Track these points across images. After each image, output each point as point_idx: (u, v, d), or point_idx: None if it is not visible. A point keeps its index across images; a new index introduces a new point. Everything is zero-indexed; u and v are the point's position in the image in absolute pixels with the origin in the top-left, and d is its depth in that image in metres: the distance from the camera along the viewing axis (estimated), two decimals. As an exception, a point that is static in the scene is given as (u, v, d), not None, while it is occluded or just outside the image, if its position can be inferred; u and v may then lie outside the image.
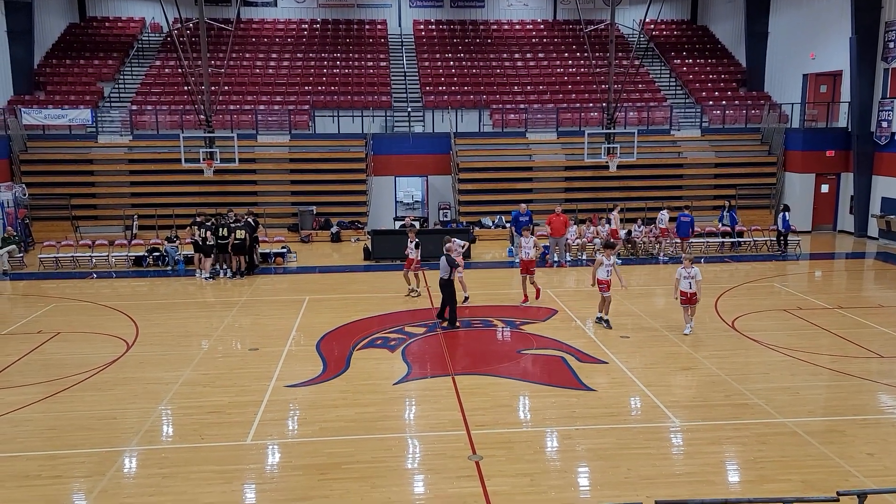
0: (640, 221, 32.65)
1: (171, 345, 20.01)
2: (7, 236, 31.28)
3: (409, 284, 24.02)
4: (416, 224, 32.03)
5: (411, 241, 23.96)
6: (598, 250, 21.81)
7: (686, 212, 32.02)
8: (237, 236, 27.47)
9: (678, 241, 31.50)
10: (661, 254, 31.15)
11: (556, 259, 29.47)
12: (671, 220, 34.08)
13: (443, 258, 20.90)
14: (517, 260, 26.20)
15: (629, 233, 31.35)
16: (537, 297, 23.24)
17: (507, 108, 41.37)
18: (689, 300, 20.33)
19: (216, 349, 19.64)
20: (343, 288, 25.75)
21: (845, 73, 37.88)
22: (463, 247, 22.15)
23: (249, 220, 28.94)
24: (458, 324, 20.71)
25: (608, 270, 20.77)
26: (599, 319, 21.02)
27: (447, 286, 20.53)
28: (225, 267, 28.12)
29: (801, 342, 19.69)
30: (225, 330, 21.35)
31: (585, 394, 16.35)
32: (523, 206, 30.16)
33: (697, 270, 20.25)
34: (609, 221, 31.27)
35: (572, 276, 27.86)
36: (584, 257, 30.70)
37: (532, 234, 23.89)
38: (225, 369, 18.16)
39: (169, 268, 29.66)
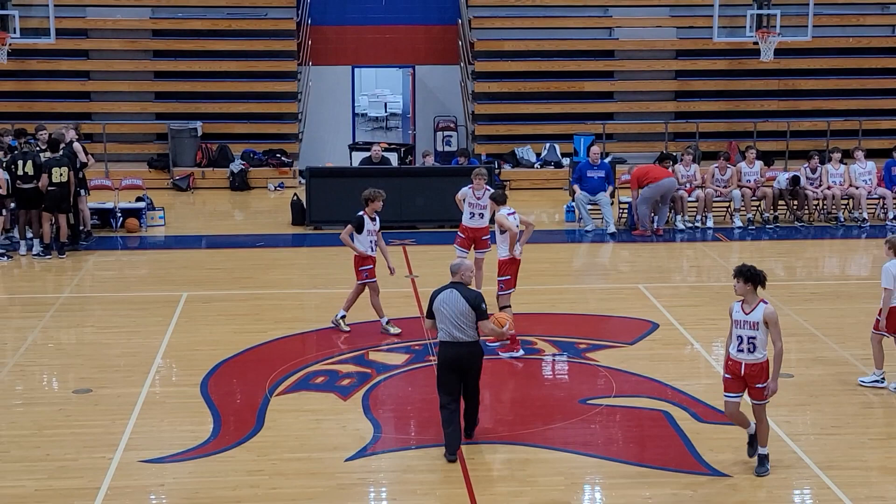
0: (814, 159, 26.07)
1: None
2: None
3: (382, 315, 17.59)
4: (388, 154, 25.96)
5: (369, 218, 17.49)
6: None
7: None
8: (54, 177, 22.43)
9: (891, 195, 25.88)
10: (861, 218, 25.26)
11: (651, 223, 24.16)
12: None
13: (450, 295, 12.77)
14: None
15: (795, 180, 25.45)
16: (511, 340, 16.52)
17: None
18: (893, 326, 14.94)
19: (11, 390, 15.86)
20: (253, 277, 21.90)
21: None
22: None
23: (74, 145, 23.08)
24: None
25: None
26: None
27: (475, 360, 13.24)
28: (29, 235, 23.31)
29: None
30: (28, 354, 17.36)
31: (711, 483, 12.35)
32: (594, 151, 24.80)
33: None
34: (759, 157, 25.92)
35: (686, 254, 23.47)
36: (706, 223, 24.81)
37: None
38: (28, 428, 14.06)
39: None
